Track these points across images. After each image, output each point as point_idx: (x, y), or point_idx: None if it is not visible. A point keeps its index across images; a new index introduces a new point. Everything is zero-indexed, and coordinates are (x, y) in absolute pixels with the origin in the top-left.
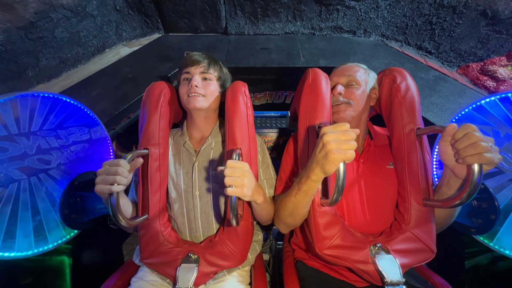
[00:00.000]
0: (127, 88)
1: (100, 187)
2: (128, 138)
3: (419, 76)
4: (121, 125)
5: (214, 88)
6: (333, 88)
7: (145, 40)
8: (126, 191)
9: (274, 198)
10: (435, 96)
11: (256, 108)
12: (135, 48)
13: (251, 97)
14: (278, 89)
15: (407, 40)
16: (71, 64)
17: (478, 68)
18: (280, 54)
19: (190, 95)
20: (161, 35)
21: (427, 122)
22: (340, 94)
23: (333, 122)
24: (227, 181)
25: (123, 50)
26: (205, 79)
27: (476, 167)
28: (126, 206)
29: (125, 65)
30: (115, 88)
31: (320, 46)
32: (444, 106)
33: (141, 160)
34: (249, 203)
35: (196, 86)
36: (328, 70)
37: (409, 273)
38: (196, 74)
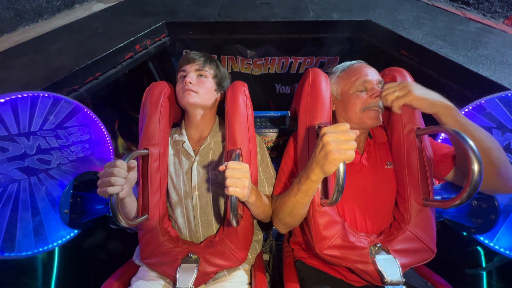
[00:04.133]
0: (95, 43)
1: (99, 190)
2: (107, 112)
3: (457, 28)
4: (86, 87)
5: (209, 86)
6: (368, 88)
7: None
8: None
9: (272, 198)
10: (482, 48)
11: (255, 79)
12: (112, 4)
13: (250, 64)
14: (282, 54)
15: None
16: (30, 18)
17: None
18: (284, 8)
19: (183, 91)
20: None
21: (476, 75)
22: (379, 97)
23: (334, 122)
24: (228, 182)
25: (97, 6)
26: (200, 75)
27: (476, 167)
28: (133, 205)
29: (96, 21)
30: (80, 43)
31: (332, 1)
32: (496, 58)
33: (134, 161)
34: (243, 202)
35: (190, 82)
36: (343, 24)
37: (409, 273)
38: (191, 71)
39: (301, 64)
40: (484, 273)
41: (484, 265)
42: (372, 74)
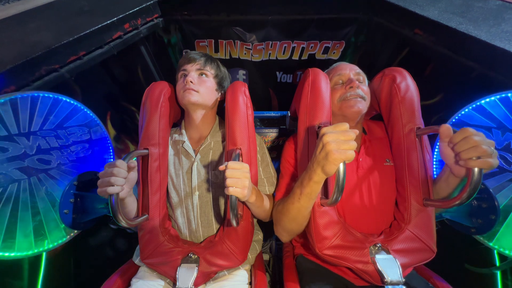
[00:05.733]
0: (79, 21)
1: (99, 190)
2: (98, 100)
3: (476, 5)
4: (68, 67)
5: (210, 85)
6: (344, 81)
7: None
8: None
9: (274, 204)
10: (505, 24)
11: (255, 66)
12: None
13: (249, 49)
14: (284, 37)
15: None
16: None
17: None
18: None
19: (184, 91)
20: None
21: (502, 52)
22: (358, 87)
23: (338, 120)
24: (228, 182)
25: None
26: (201, 75)
27: (476, 167)
28: (133, 205)
29: None
30: (63, 20)
31: None
32: None
33: (134, 161)
34: (243, 202)
35: (191, 81)
36: (350, 3)
37: (409, 273)
38: (192, 71)
39: (304, 49)
40: (499, 273)
41: (498, 264)
42: (348, 68)
